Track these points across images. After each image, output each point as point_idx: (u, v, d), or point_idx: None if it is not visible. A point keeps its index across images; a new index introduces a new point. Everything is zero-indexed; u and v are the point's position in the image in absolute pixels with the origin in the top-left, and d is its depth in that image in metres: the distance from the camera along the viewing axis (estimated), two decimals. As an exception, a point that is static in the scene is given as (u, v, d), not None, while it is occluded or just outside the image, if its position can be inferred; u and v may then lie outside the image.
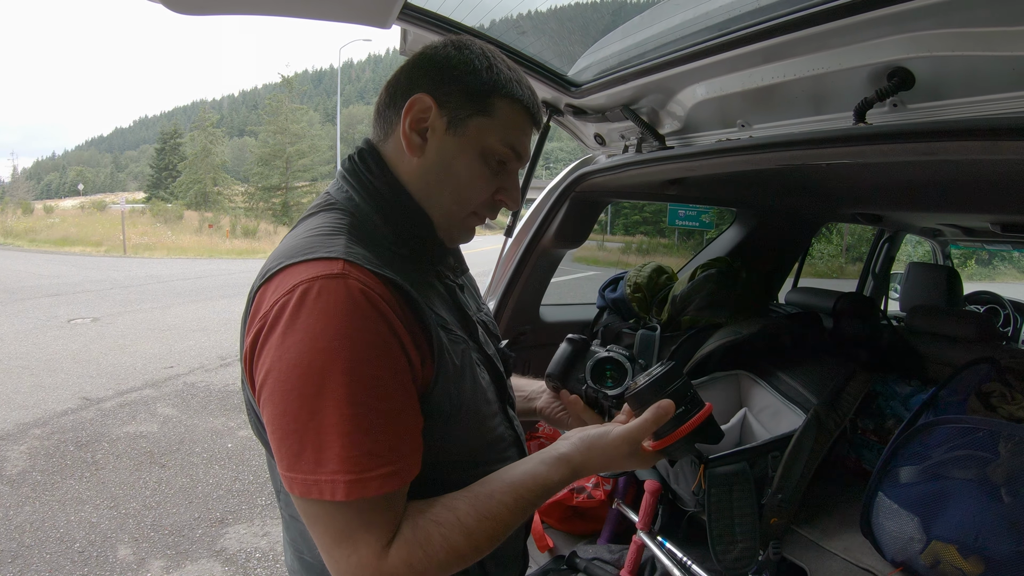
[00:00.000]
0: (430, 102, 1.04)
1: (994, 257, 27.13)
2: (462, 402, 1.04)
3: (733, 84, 1.77)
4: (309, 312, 0.87)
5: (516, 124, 1.09)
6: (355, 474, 0.87)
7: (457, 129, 1.06)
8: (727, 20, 1.61)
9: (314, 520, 0.92)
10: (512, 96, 1.07)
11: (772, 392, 2.31)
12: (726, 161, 1.78)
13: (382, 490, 0.88)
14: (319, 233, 1.00)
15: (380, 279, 0.93)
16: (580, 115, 2.26)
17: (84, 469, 5.22)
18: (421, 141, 1.07)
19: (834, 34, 1.39)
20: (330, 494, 0.86)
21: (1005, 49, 1.19)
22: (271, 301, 0.91)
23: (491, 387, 1.16)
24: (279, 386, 0.88)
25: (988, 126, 1.20)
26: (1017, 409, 1.96)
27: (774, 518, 1.94)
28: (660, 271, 3.09)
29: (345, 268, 0.91)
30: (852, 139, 1.43)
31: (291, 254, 0.95)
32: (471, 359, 1.10)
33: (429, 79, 1.06)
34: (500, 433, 1.17)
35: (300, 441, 0.87)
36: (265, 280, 0.96)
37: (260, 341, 0.92)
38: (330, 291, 0.88)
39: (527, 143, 1.13)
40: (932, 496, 1.74)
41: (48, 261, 23.41)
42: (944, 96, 1.39)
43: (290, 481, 0.89)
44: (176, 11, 1.58)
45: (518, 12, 2.07)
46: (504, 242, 2.71)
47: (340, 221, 1.03)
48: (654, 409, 1.08)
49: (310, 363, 0.86)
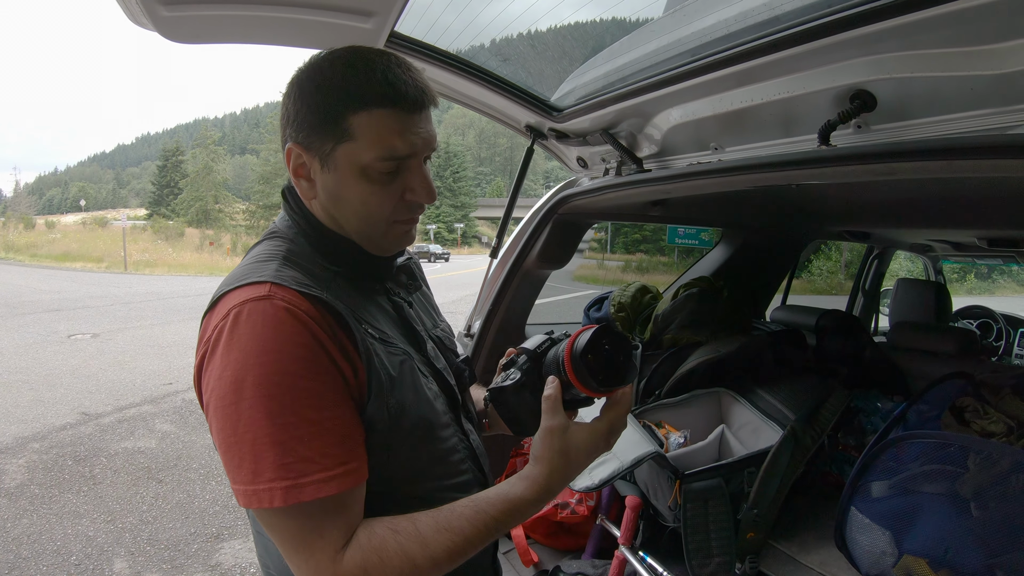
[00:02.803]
0: (299, 149, 1.07)
1: (993, 271, 27.08)
2: (403, 411, 1.07)
3: (706, 108, 1.83)
4: (240, 333, 0.94)
5: (384, 132, 1.03)
6: (290, 480, 0.91)
7: (328, 165, 1.06)
8: (700, 46, 1.68)
9: (269, 529, 0.97)
10: (366, 106, 1.02)
11: (751, 409, 2.34)
12: (699, 184, 1.83)
13: (318, 494, 0.92)
14: (255, 260, 1.07)
15: (306, 297, 0.99)
16: (563, 139, 2.32)
17: (82, 483, 5.24)
18: (309, 184, 1.10)
19: (800, 58, 1.46)
20: (268, 501, 0.91)
21: (963, 69, 1.24)
22: (212, 327, 0.98)
23: (440, 398, 1.18)
24: (218, 403, 0.94)
25: (943, 146, 1.25)
26: (989, 424, 1.98)
27: (751, 533, 1.97)
28: (644, 291, 3.14)
29: (271, 290, 0.97)
30: (815, 161, 1.48)
31: (230, 282, 1.03)
32: (412, 369, 1.12)
33: (291, 127, 1.07)
34: (452, 444, 1.18)
35: (239, 453, 0.93)
36: (209, 308, 1.03)
37: (204, 365, 0.98)
38: (257, 311, 0.95)
39: (411, 137, 1.05)
40: (903, 510, 1.76)
41: (49, 276, 23.50)
42: (906, 116, 1.45)
43: (236, 493, 0.94)
44: (172, 40, 1.66)
45: (502, 39, 2.14)
46: (489, 263, 2.76)
47: (278, 248, 1.10)
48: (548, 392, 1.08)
49: (242, 379, 0.92)
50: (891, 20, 1.21)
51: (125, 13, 1.54)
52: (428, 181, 1.12)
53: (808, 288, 24.12)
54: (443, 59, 2.03)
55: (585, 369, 1.04)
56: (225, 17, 1.61)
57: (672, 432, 2.31)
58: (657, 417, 2.40)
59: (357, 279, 1.15)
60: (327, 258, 1.13)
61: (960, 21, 1.15)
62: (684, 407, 2.45)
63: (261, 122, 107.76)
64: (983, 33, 1.16)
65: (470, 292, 3.24)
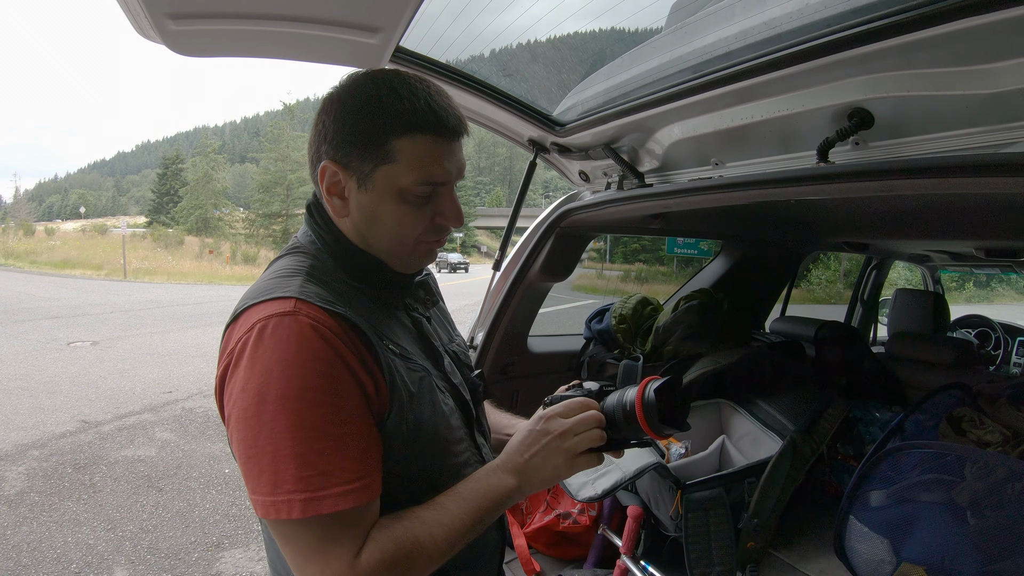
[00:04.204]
0: (335, 167, 1.09)
1: (991, 279, 27.11)
2: (420, 426, 1.10)
3: (707, 125, 1.86)
4: (264, 347, 0.96)
5: (425, 158, 1.07)
6: (309, 492, 0.93)
7: (367, 185, 1.08)
8: (701, 63, 1.71)
9: (283, 540, 0.99)
10: (411, 131, 1.05)
11: (751, 420, 2.36)
12: (700, 199, 1.86)
13: (336, 507, 0.94)
14: (279, 275, 1.09)
15: (330, 314, 1.01)
16: (565, 153, 2.35)
17: (82, 491, 5.24)
18: (342, 202, 1.12)
19: (800, 77, 1.49)
20: (287, 512, 0.93)
21: (959, 88, 1.28)
22: (236, 339, 1.00)
23: (456, 413, 1.21)
24: (241, 415, 0.97)
25: (938, 164, 1.28)
26: (986, 433, 2.01)
27: (751, 542, 2.00)
28: (645, 303, 3.16)
29: (297, 306, 0.99)
30: (814, 178, 1.51)
31: (254, 295, 1.05)
32: (431, 386, 1.15)
33: (328, 143, 1.09)
34: (466, 458, 1.21)
35: (259, 465, 0.95)
36: (232, 320, 1.05)
37: (227, 376, 1.01)
38: (283, 327, 0.97)
39: (447, 165, 1.09)
40: (901, 519, 1.78)
41: (49, 283, 23.48)
42: (903, 134, 1.48)
43: (254, 504, 0.97)
44: (181, 54, 1.68)
45: (506, 54, 2.17)
46: (492, 275, 2.78)
47: (301, 264, 1.13)
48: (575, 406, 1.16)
49: (265, 392, 0.94)
50: (888, 40, 1.24)
51: (133, 26, 1.55)
52: (458, 207, 1.17)
53: (807, 298, 24.13)
54: (447, 73, 2.06)
55: (656, 414, 1.12)
56: (233, 32, 1.62)
57: (673, 443, 2.34)
58: (658, 427, 2.42)
59: (378, 295, 1.18)
60: (351, 274, 1.15)
61: (955, 41, 1.18)
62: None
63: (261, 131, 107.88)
64: (977, 53, 1.19)
65: (469, 302, 3.27)
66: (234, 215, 55.45)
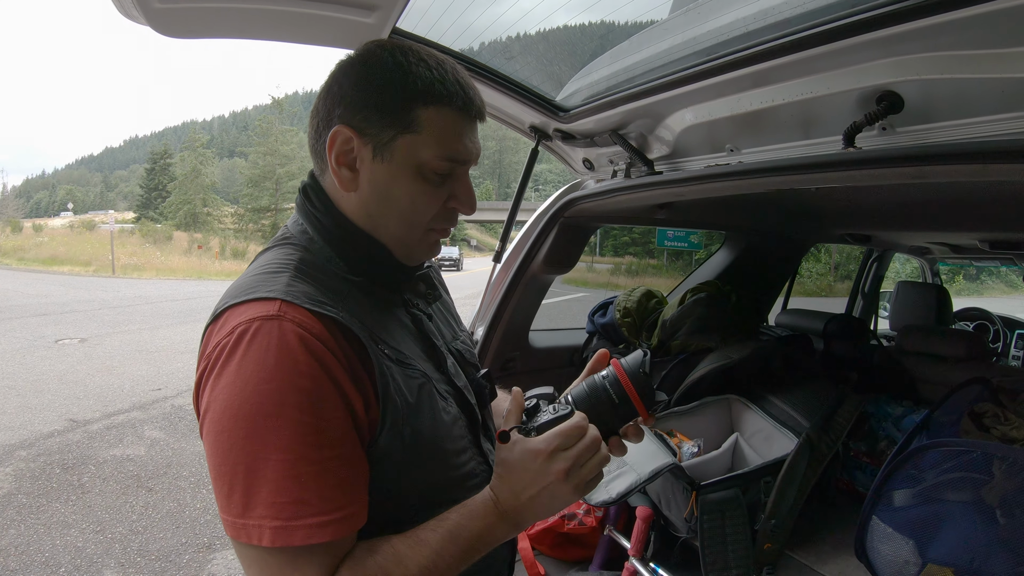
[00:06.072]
0: (349, 133, 0.99)
1: (982, 272, 27.34)
2: (419, 441, 1.00)
3: (722, 109, 1.78)
4: (244, 355, 0.87)
5: (449, 131, 1.00)
6: (281, 520, 0.85)
7: (384, 155, 0.99)
8: (716, 45, 1.62)
9: (247, 563, 0.90)
10: (438, 102, 0.98)
11: (764, 416, 2.30)
12: (715, 187, 1.79)
13: (309, 540, 0.86)
14: (265, 271, 0.99)
15: (319, 317, 0.91)
16: (569, 140, 2.26)
17: (70, 492, 5.14)
18: (352, 174, 1.02)
19: (822, 59, 1.40)
20: (257, 538, 0.85)
21: (993, 71, 1.19)
22: (214, 343, 0.91)
23: (459, 421, 1.11)
24: (213, 427, 0.88)
25: (977, 149, 1.20)
26: (1011, 429, 1.95)
27: (768, 543, 1.93)
28: (650, 295, 3.09)
29: (282, 308, 0.90)
30: (842, 164, 1.43)
31: (236, 293, 0.95)
32: (431, 393, 1.05)
33: (344, 106, 0.99)
34: (470, 469, 1.11)
35: (230, 484, 0.87)
36: (212, 319, 0.95)
37: (203, 381, 0.91)
38: (264, 333, 0.87)
39: (468, 144, 1.03)
40: (927, 519, 1.73)
41: (36, 280, 23.30)
42: (933, 119, 1.40)
43: (224, 523, 0.88)
44: (165, 34, 1.59)
45: (507, 37, 2.08)
46: (493, 267, 2.68)
47: (289, 257, 1.02)
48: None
49: (240, 407, 0.86)
50: (919, 20, 1.16)
51: (116, 6, 1.44)
52: (472, 192, 1.09)
53: (798, 290, 24.15)
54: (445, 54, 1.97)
55: (651, 391, 1.04)
56: (221, 10, 1.53)
57: (685, 441, 2.27)
58: (668, 426, 2.35)
59: (375, 290, 1.08)
60: (349, 264, 1.05)
61: (990, 23, 1.10)
62: (695, 415, 2.41)
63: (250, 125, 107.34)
64: (1014, 35, 1.11)
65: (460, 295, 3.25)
66: (223, 210, 55.26)
